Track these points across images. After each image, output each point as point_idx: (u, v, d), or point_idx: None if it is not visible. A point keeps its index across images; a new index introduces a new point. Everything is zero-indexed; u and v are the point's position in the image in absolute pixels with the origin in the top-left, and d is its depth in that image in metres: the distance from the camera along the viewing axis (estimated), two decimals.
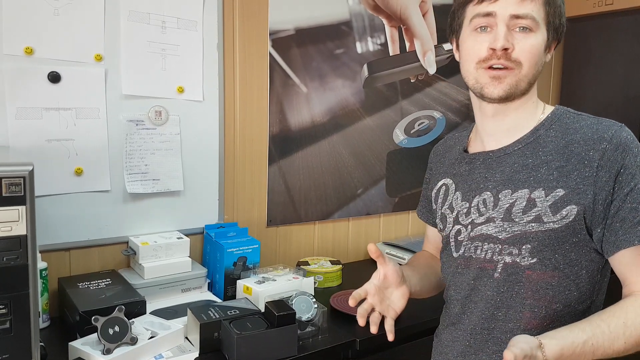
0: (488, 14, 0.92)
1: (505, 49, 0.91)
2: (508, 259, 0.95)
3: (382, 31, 1.91)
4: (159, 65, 1.48)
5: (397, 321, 1.37)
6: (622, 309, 0.87)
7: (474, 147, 1.08)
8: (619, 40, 2.25)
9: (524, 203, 0.94)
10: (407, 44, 1.97)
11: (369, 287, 1.00)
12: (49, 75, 1.33)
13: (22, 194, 0.87)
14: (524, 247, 0.93)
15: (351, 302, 0.99)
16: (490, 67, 0.93)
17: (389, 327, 1.01)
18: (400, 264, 1.13)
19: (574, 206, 0.90)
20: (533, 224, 0.92)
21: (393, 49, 1.94)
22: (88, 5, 1.36)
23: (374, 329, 1.01)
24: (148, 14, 1.45)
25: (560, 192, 0.91)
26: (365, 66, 1.89)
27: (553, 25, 0.95)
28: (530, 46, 0.92)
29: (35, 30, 1.30)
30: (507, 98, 0.95)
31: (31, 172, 0.88)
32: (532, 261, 0.93)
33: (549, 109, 1.00)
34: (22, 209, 0.87)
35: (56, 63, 1.33)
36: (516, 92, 0.95)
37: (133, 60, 1.44)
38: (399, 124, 2.01)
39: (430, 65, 2.03)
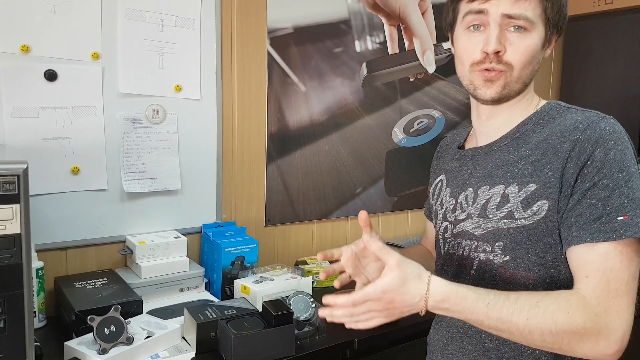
0: (480, 12, 0.89)
1: (498, 52, 0.89)
2: (482, 257, 0.94)
3: (381, 30, 1.91)
4: (157, 63, 1.47)
5: (396, 321, 1.37)
6: (545, 293, 0.82)
7: (470, 144, 1.07)
8: (619, 39, 2.24)
9: (498, 199, 0.92)
10: (406, 43, 1.96)
11: (346, 250, 0.97)
12: (45, 73, 1.32)
13: (16, 192, 0.86)
14: (497, 244, 0.91)
15: (319, 257, 0.97)
16: (485, 70, 0.91)
17: (344, 280, 1.00)
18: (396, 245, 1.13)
19: (544, 201, 0.86)
20: (505, 220, 0.90)
21: (392, 48, 1.94)
22: (85, 3, 1.35)
23: (336, 284, 1.00)
24: (145, 12, 1.44)
25: (532, 187, 0.88)
26: (364, 65, 1.88)
27: (552, 20, 0.91)
28: (524, 47, 0.88)
29: (31, 28, 1.29)
30: (500, 100, 0.93)
31: (25, 171, 0.87)
32: (504, 259, 0.91)
33: (542, 103, 0.97)
34: (16, 207, 0.87)
35: (53, 61, 1.33)
36: (509, 94, 0.92)
37: (130, 58, 1.43)
38: (398, 123, 2.00)
39: (429, 64, 2.02)
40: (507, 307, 0.79)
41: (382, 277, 0.81)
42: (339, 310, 0.84)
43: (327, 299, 0.85)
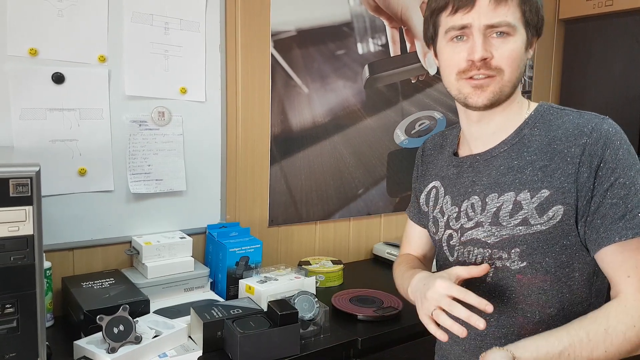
0: (463, 27, 0.90)
1: (484, 59, 0.89)
2: (498, 264, 0.94)
3: (383, 32, 1.92)
4: (162, 66, 1.49)
5: (399, 320, 1.39)
6: (604, 315, 0.84)
7: (463, 150, 1.07)
8: (619, 40, 2.26)
9: (511, 206, 0.92)
10: (408, 45, 1.98)
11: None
12: (53, 76, 1.34)
13: (29, 194, 0.88)
14: (512, 251, 0.92)
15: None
16: (472, 78, 0.91)
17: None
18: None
19: (560, 206, 0.88)
20: (520, 227, 0.91)
21: (394, 50, 1.95)
22: (92, 7, 1.37)
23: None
24: (151, 15, 1.46)
25: (545, 192, 0.89)
26: (366, 67, 1.90)
27: (531, 22, 0.92)
28: (510, 51, 0.90)
29: (39, 31, 1.31)
30: (492, 105, 0.93)
31: (38, 173, 0.89)
32: (522, 265, 0.92)
33: (533, 106, 0.98)
34: (29, 209, 0.88)
35: (60, 64, 1.34)
36: (501, 98, 0.93)
37: (136, 61, 1.45)
38: (399, 124, 2.02)
39: (430, 65, 2.04)
40: (584, 348, 0.81)
41: None
42: None
43: None
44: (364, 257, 2.00)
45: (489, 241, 0.95)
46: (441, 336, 0.87)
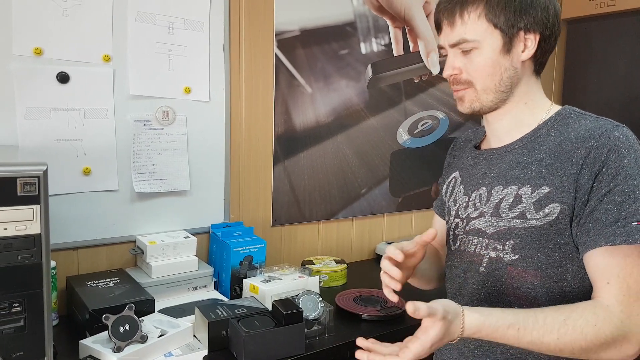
0: (441, 47, 1.01)
1: (454, 75, 0.98)
2: (493, 254, 0.96)
3: (386, 32, 1.93)
4: (166, 65, 1.49)
5: (403, 320, 1.39)
6: (570, 308, 0.84)
7: (485, 144, 1.10)
8: (622, 40, 2.26)
9: (512, 199, 0.95)
10: (411, 45, 1.98)
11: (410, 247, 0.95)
12: (57, 75, 1.34)
13: (37, 193, 0.88)
14: (507, 242, 0.94)
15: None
16: (455, 90, 1.01)
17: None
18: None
19: (557, 204, 0.89)
20: (517, 220, 0.93)
21: (397, 50, 1.96)
22: (96, 6, 1.37)
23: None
24: (155, 14, 1.46)
25: (545, 189, 0.91)
26: (369, 67, 1.90)
27: (506, 26, 0.93)
28: (476, 64, 0.95)
29: (44, 31, 1.31)
30: (478, 111, 1.00)
31: (45, 172, 0.89)
32: (514, 257, 0.93)
33: (555, 108, 1.00)
34: (36, 208, 0.89)
35: (65, 63, 1.35)
36: (484, 106, 0.98)
37: (140, 60, 1.45)
38: (402, 124, 2.02)
39: (433, 65, 2.04)
40: (537, 329, 0.82)
41: (427, 331, 0.80)
42: (378, 357, 0.83)
43: (376, 347, 0.85)
44: (366, 256, 2.01)
45: (487, 231, 0.98)
46: (393, 297, 0.93)
